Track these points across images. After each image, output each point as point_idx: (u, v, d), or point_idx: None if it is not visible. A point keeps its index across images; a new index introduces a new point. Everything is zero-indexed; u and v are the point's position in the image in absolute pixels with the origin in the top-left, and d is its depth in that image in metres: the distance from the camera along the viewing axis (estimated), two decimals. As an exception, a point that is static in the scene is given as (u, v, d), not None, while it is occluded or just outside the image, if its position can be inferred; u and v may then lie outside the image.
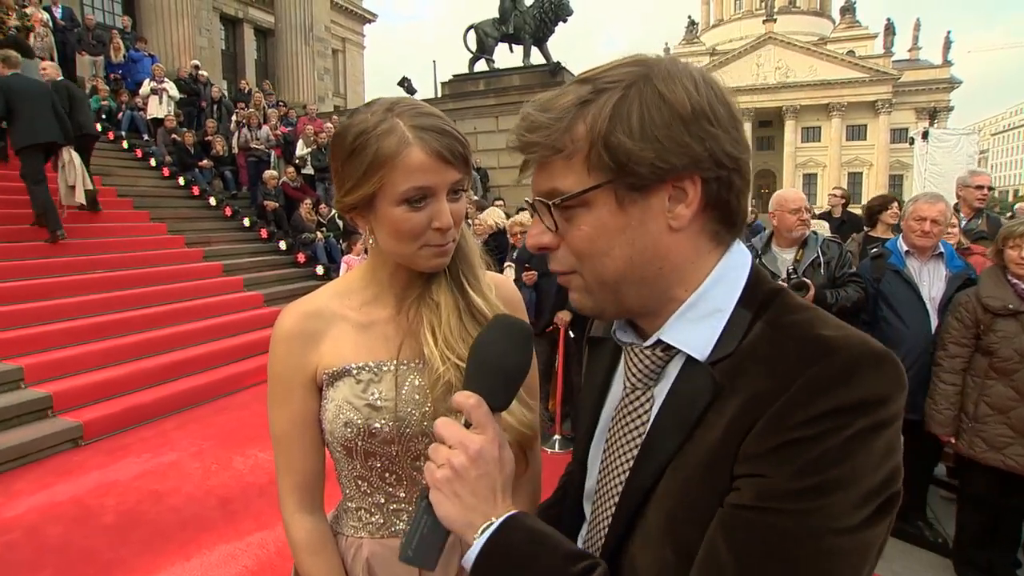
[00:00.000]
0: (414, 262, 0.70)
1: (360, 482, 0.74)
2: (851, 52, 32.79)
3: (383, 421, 0.70)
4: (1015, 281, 1.98)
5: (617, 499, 0.49)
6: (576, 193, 0.45)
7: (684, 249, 0.46)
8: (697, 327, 0.46)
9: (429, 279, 0.74)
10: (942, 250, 2.37)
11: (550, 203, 0.46)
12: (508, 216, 4.57)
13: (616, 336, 0.52)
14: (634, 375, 0.50)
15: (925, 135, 7.38)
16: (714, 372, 0.44)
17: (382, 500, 0.74)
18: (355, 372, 0.71)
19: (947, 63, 32.25)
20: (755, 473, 0.39)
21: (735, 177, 0.45)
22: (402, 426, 0.70)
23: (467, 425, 0.47)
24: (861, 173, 32.59)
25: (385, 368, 0.72)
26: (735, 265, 0.48)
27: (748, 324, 0.45)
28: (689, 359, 0.46)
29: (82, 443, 3.35)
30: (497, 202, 7.34)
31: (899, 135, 30.23)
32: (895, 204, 3.39)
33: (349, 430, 0.70)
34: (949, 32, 32.65)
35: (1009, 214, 6.33)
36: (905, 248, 2.41)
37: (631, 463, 0.48)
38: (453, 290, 0.73)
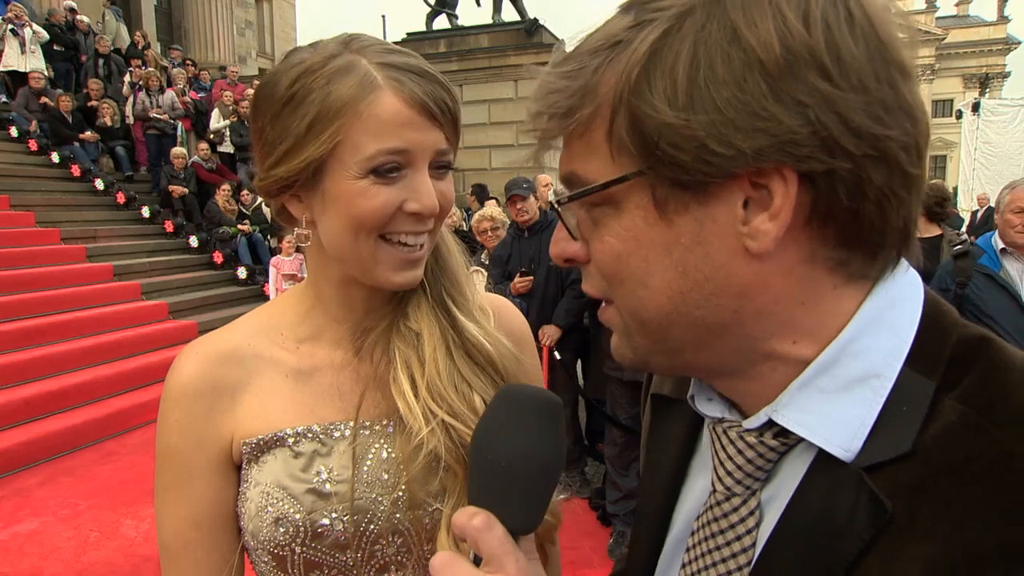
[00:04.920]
0: (371, 272, 0.60)
1: None
2: (885, 9, 35.41)
3: (334, 515, 0.59)
4: None
5: None
6: (591, 189, 0.38)
7: (779, 284, 0.38)
8: (835, 403, 0.38)
9: (403, 300, 0.64)
10: None
11: (558, 200, 0.40)
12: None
13: (695, 405, 0.45)
14: (729, 472, 0.42)
15: (976, 107, 7.61)
16: (875, 486, 0.35)
17: None
18: (291, 441, 0.61)
19: (1003, 19, 31.74)
20: None
21: (874, 169, 0.35)
22: (363, 521, 0.60)
23: (476, 562, 0.40)
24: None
25: (337, 434, 0.62)
26: (895, 301, 0.39)
27: (931, 400, 0.36)
28: (823, 456, 0.38)
29: (-98, 510, 3.10)
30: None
31: (942, 108, 28.71)
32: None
33: (282, 530, 0.59)
34: (1007, -18, 32.47)
35: None
36: (1001, 246, 2.36)
37: None
38: (439, 315, 0.64)
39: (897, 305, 0.39)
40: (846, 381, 0.38)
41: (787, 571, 0.38)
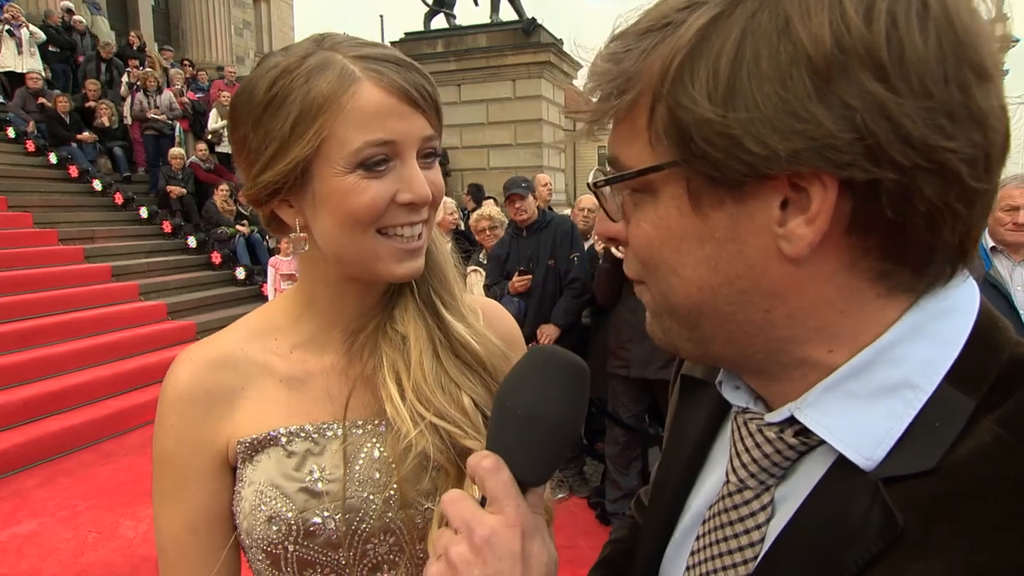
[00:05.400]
0: (373, 268, 0.60)
1: None
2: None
3: (326, 513, 0.60)
4: None
5: None
6: (626, 175, 0.38)
7: (816, 290, 0.36)
8: (863, 409, 0.36)
9: (390, 302, 0.65)
10: None
11: (596, 182, 0.40)
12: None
13: (722, 390, 0.45)
14: (744, 464, 0.42)
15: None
16: (890, 498, 0.33)
17: None
18: (284, 440, 0.62)
19: (1002, 16, 33.15)
20: None
21: (926, 182, 0.32)
22: (355, 520, 0.60)
23: (482, 502, 0.42)
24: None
25: (330, 433, 0.62)
26: (944, 313, 0.36)
27: (968, 419, 0.34)
28: (842, 461, 0.36)
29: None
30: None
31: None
32: None
33: (275, 528, 0.60)
34: (1000, -21, 34.05)
35: None
36: (991, 244, 2.33)
37: None
38: (426, 316, 0.64)
39: (946, 317, 0.36)
40: (878, 388, 0.36)
41: (793, 571, 0.37)
